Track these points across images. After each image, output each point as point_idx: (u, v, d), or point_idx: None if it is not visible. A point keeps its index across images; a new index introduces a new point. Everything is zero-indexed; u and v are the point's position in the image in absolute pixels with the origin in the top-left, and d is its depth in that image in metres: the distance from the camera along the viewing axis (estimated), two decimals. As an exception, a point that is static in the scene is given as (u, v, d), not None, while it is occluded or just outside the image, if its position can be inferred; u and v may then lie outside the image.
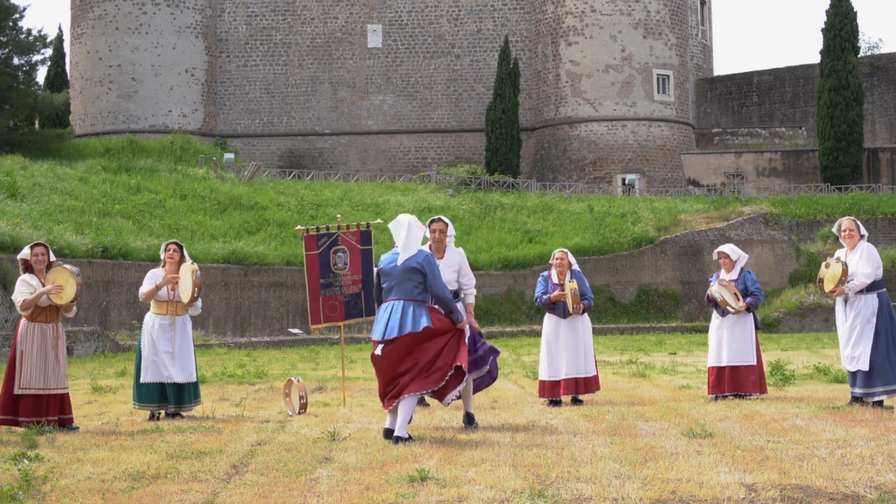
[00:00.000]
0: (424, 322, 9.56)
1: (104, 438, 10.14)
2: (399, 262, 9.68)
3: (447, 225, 10.44)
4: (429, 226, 10.34)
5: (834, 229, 11.83)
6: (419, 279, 9.65)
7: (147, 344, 12.03)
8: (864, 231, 11.75)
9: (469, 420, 10.38)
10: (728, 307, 13.02)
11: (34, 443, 9.70)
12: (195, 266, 12.04)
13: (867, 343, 11.37)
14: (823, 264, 11.76)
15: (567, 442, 9.25)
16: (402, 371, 9.57)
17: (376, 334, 9.68)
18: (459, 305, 10.41)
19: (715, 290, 13.10)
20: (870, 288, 11.44)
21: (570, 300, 12.90)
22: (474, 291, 10.65)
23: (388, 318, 9.62)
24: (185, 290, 12.00)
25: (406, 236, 9.73)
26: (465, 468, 7.96)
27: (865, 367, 11.35)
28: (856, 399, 11.64)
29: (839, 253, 11.77)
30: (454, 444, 9.23)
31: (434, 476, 7.55)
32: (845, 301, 11.56)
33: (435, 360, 9.64)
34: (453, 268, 10.35)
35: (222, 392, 15.67)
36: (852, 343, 11.44)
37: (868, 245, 11.62)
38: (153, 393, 11.97)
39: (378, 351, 9.63)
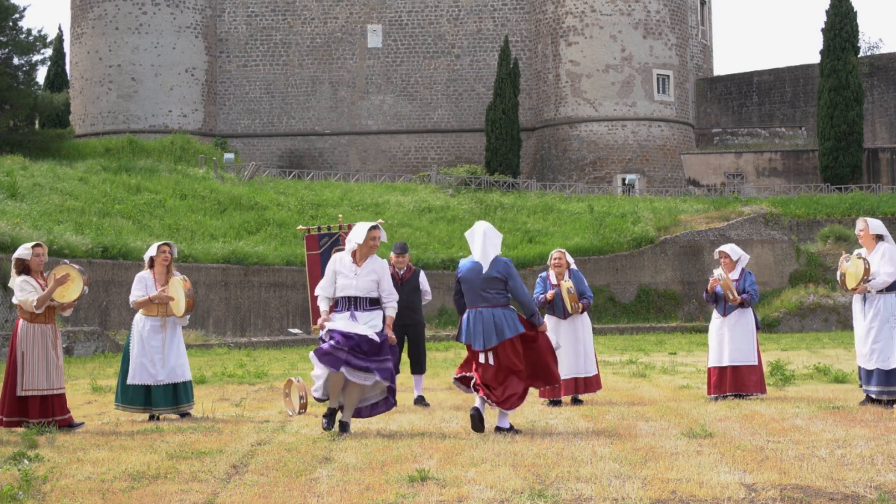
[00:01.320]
0: (521, 326, 10.02)
1: (104, 438, 10.14)
2: (485, 271, 10.03)
3: (382, 234, 10.30)
4: (368, 232, 10.11)
5: (856, 230, 11.97)
6: (501, 286, 10.03)
7: (136, 345, 11.93)
8: (882, 231, 11.75)
9: (343, 427, 10.15)
10: (727, 292, 13.04)
11: (34, 443, 9.70)
12: (188, 283, 11.97)
13: (889, 342, 11.42)
14: (843, 258, 11.80)
15: (567, 442, 9.25)
16: (511, 373, 9.99)
17: (477, 344, 9.99)
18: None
19: (718, 274, 13.13)
20: (889, 288, 11.52)
21: (567, 300, 12.89)
22: (394, 305, 10.25)
23: (482, 325, 9.95)
24: (178, 307, 11.92)
25: (483, 244, 10.07)
26: (465, 468, 7.96)
27: (886, 365, 11.40)
28: (871, 399, 11.65)
29: (860, 250, 11.81)
30: (454, 444, 9.23)
31: (434, 476, 7.55)
32: (864, 300, 11.61)
33: (536, 363, 10.15)
34: (373, 276, 10.11)
35: (222, 392, 15.67)
36: (871, 341, 11.49)
37: (889, 245, 11.66)
38: (138, 395, 11.88)
39: (485, 359, 9.99)
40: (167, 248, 12.15)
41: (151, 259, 12.18)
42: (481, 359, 9.96)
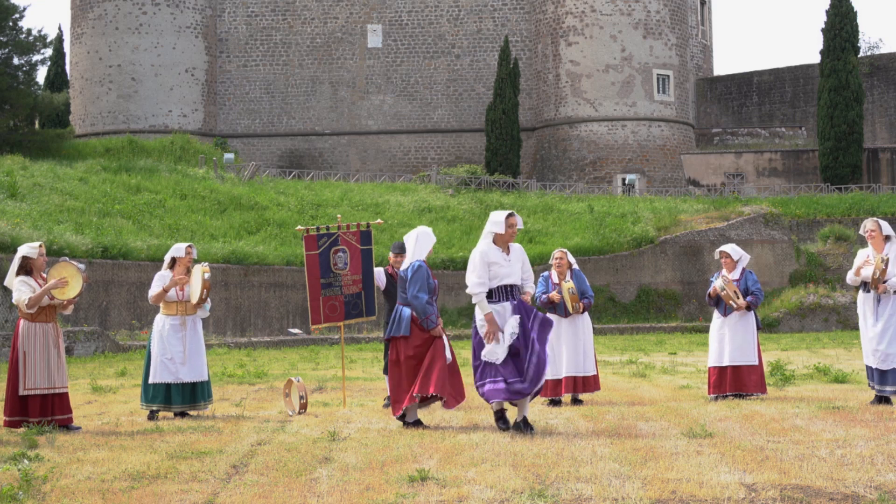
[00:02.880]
0: (402, 329, 10.56)
1: (104, 438, 10.14)
2: (401, 271, 10.80)
3: (518, 218, 10.27)
4: (506, 220, 10.11)
5: (860, 231, 11.92)
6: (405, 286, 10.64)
7: (157, 344, 12.11)
8: (890, 232, 11.75)
9: (525, 424, 9.96)
10: (731, 302, 13.01)
11: (34, 443, 9.70)
12: (206, 268, 12.08)
13: None
14: (867, 255, 11.78)
15: (567, 442, 9.25)
16: (400, 375, 10.64)
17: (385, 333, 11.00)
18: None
19: (720, 284, 13.09)
20: None
21: (567, 300, 12.91)
22: (533, 284, 10.55)
23: (399, 319, 10.66)
24: (195, 292, 12.07)
25: (412, 248, 10.73)
26: (465, 468, 7.96)
27: None
28: (881, 399, 11.66)
29: (868, 252, 11.80)
30: (454, 444, 9.23)
31: (434, 476, 7.55)
32: (878, 300, 11.59)
33: (422, 364, 10.52)
34: (520, 261, 10.22)
35: (222, 392, 15.67)
36: (886, 342, 11.48)
37: None
38: (159, 393, 12.06)
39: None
40: (190, 251, 12.29)
41: (173, 259, 12.27)
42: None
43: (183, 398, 12.07)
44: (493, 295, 9.99)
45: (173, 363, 12.01)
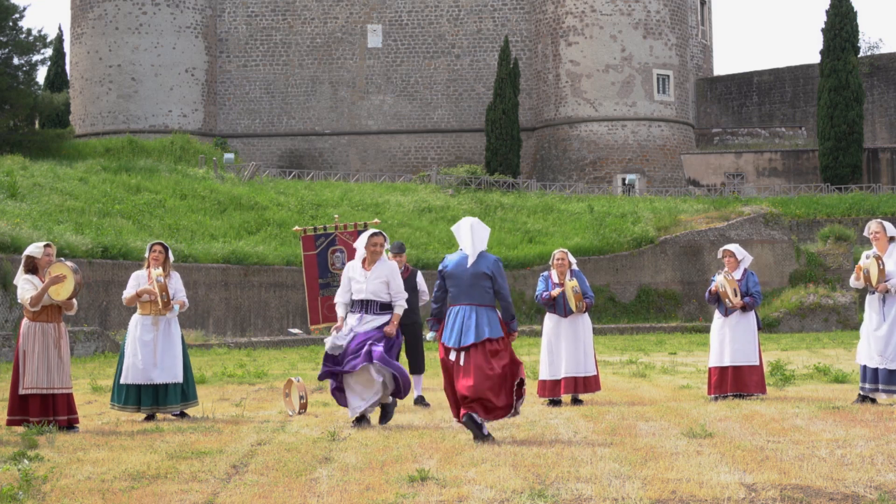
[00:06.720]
0: (500, 329, 9.58)
1: (104, 438, 10.14)
2: (469, 266, 9.63)
3: (385, 239, 10.95)
4: (369, 239, 10.79)
5: (865, 232, 11.93)
6: (489, 284, 9.61)
7: (129, 345, 11.99)
8: (893, 232, 11.75)
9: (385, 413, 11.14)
10: (727, 300, 13.02)
11: (34, 443, 9.70)
12: (159, 271, 11.95)
13: None
14: (864, 256, 11.81)
15: (567, 442, 9.25)
16: (481, 379, 9.41)
17: (451, 341, 9.56)
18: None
19: (720, 280, 13.09)
20: None
21: (571, 298, 12.92)
22: (403, 303, 10.93)
23: (462, 323, 9.53)
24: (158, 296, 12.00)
25: (472, 239, 9.68)
26: (465, 468, 7.96)
27: None
28: (867, 399, 11.66)
29: (873, 252, 11.81)
30: (454, 444, 9.23)
31: (434, 476, 7.55)
32: (884, 300, 11.59)
33: (505, 373, 9.52)
34: (382, 279, 10.74)
35: (222, 392, 15.66)
36: (893, 343, 11.47)
37: None
38: (131, 395, 11.93)
39: (454, 357, 9.57)
40: (158, 248, 12.13)
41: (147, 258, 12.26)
42: (453, 356, 9.55)
43: (154, 399, 11.91)
44: (352, 306, 10.85)
45: (144, 363, 11.86)
